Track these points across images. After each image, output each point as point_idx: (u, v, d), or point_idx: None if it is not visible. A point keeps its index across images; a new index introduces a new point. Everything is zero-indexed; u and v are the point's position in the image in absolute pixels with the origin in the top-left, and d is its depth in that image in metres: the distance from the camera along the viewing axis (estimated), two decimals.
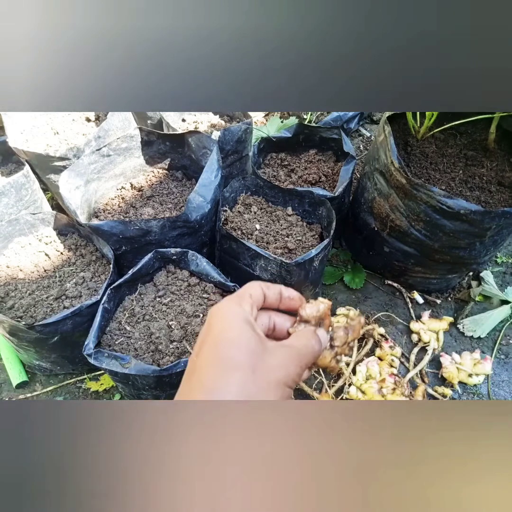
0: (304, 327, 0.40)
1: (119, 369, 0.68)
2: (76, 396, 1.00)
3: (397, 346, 1.04)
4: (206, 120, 1.20)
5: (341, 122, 1.54)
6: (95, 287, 0.89)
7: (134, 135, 1.02)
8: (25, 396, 0.99)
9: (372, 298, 1.17)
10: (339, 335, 0.40)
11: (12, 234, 0.97)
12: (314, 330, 0.39)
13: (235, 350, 0.33)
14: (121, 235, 0.86)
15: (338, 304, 1.15)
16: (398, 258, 1.07)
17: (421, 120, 1.02)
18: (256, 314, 0.38)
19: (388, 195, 0.97)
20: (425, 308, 1.14)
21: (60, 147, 1.04)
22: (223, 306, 0.36)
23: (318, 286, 1.03)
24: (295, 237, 0.93)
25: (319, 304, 0.40)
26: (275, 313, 0.41)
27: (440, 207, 0.86)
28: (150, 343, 0.77)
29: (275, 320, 0.41)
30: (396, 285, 1.17)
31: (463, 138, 1.06)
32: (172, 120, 1.16)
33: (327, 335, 0.40)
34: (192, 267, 0.88)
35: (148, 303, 0.84)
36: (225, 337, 0.33)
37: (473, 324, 1.09)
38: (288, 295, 0.40)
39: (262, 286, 0.39)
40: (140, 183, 1.07)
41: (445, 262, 1.01)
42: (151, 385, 0.72)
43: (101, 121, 1.15)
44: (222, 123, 1.21)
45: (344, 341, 0.40)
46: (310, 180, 1.10)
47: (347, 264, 1.23)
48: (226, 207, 0.97)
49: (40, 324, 0.78)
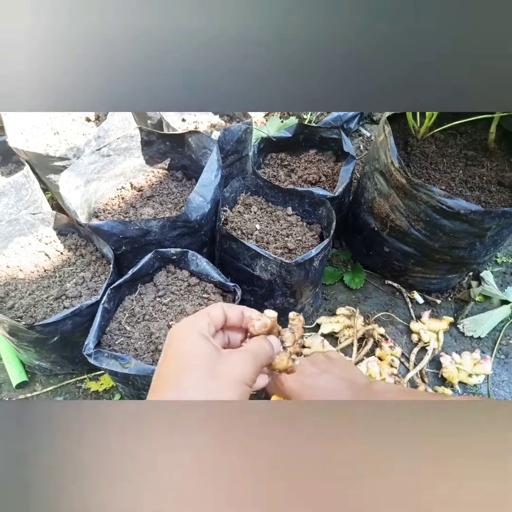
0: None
1: (119, 369, 0.68)
2: (76, 396, 1.00)
3: (397, 346, 1.04)
4: (206, 120, 1.20)
5: (341, 122, 1.54)
6: (95, 287, 0.89)
7: (134, 135, 1.02)
8: (25, 396, 0.99)
9: (372, 298, 1.17)
10: (287, 336, 0.45)
11: (12, 234, 0.97)
12: (264, 337, 0.43)
13: (193, 356, 0.36)
14: (121, 235, 0.86)
15: (338, 304, 1.15)
16: (398, 258, 1.07)
17: (421, 120, 1.02)
18: (214, 331, 0.41)
19: (388, 195, 0.97)
20: (425, 308, 1.14)
21: (60, 147, 1.04)
22: (180, 324, 0.40)
23: (318, 286, 1.03)
24: (295, 237, 0.93)
25: (266, 320, 0.43)
26: (229, 330, 0.44)
27: (440, 207, 0.86)
28: (150, 343, 0.77)
29: (229, 335, 0.44)
30: (396, 285, 1.17)
31: (463, 138, 1.06)
32: (172, 120, 1.16)
33: (277, 340, 0.44)
34: (192, 267, 0.88)
35: (148, 303, 0.84)
36: (182, 348, 0.37)
37: (473, 324, 1.09)
38: (250, 315, 0.43)
39: (224, 307, 0.42)
40: (140, 183, 1.07)
41: (445, 262, 1.01)
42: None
43: (101, 121, 1.15)
44: (222, 123, 1.21)
45: (293, 340, 0.45)
46: (310, 180, 1.10)
47: (347, 264, 1.23)
48: (226, 207, 0.97)
49: (40, 324, 0.78)
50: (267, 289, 0.91)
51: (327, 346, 1.01)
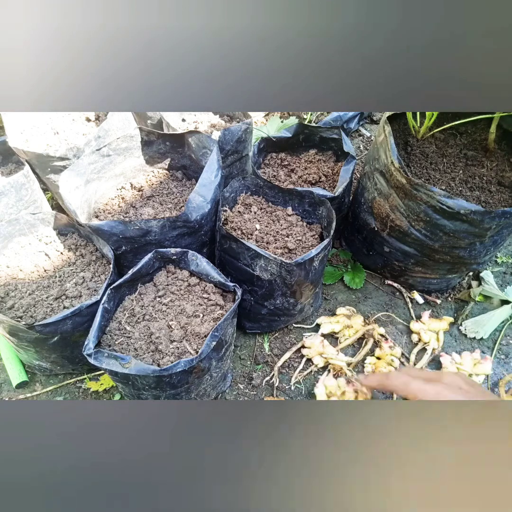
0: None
1: (119, 369, 0.68)
2: (76, 396, 1.00)
3: (397, 346, 1.04)
4: (206, 120, 1.20)
5: (341, 122, 1.54)
6: (95, 287, 0.89)
7: (134, 135, 1.02)
8: (25, 396, 0.99)
9: (372, 298, 1.17)
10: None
11: (12, 234, 0.97)
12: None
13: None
14: (121, 235, 0.86)
15: (338, 304, 1.15)
16: (398, 258, 1.07)
17: (421, 120, 1.02)
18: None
19: (388, 195, 0.97)
20: (425, 308, 1.14)
21: (60, 147, 1.04)
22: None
23: (318, 286, 1.03)
24: (295, 237, 0.93)
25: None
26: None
27: (440, 207, 0.86)
28: (150, 343, 0.77)
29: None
30: (396, 285, 1.17)
31: (463, 138, 1.06)
32: (172, 120, 1.16)
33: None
34: (192, 267, 0.88)
35: (148, 303, 0.84)
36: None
37: (475, 325, 1.09)
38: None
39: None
40: (140, 183, 1.07)
41: (445, 262, 1.01)
42: (151, 385, 0.72)
43: (101, 121, 1.15)
44: (222, 123, 1.21)
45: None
46: (310, 180, 1.10)
47: (347, 264, 1.23)
48: (226, 207, 0.97)
49: (40, 324, 0.78)
50: (267, 289, 0.91)
51: (326, 346, 1.01)
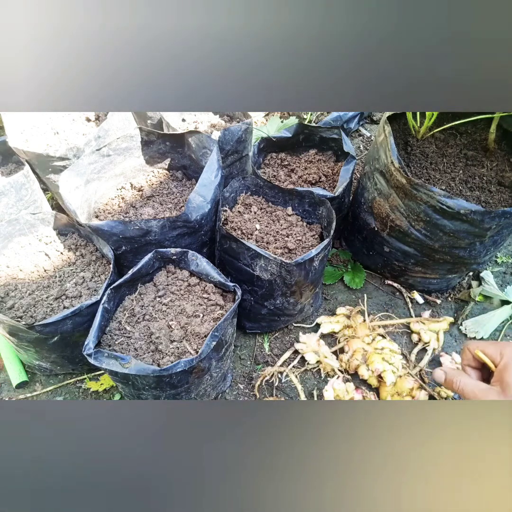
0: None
1: (119, 369, 0.68)
2: (76, 396, 1.00)
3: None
4: (206, 120, 1.20)
5: (341, 122, 1.54)
6: (95, 287, 0.89)
7: (134, 135, 1.02)
8: (25, 396, 0.99)
9: (372, 298, 1.17)
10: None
11: (12, 234, 0.97)
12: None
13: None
14: (121, 235, 0.86)
15: (338, 304, 1.15)
16: (398, 258, 1.07)
17: (421, 120, 1.02)
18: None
19: (388, 195, 0.97)
20: (425, 308, 1.14)
21: (60, 147, 1.04)
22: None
23: (318, 286, 1.03)
24: (295, 237, 0.93)
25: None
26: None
27: (440, 207, 0.86)
28: (150, 343, 0.77)
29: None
30: (396, 285, 1.17)
31: (463, 138, 1.06)
32: (172, 120, 1.16)
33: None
34: (192, 267, 0.88)
35: (148, 303, 0.84)
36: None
37: (475, 325, 1.09)
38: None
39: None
40: (140, 183, 1.07)
41: (445, 262, 1.01)
42: (151, 385, 0.72)
43: (101, 121, 1.15)
44: (222, 123, 1.21)
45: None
46: (310, 180, 1.10)
47: (347, 264, 1.23)
48: (226, 207, 0.97)
49: (40, 324, 0.78)
50: (267, 289, 0.91)
51: (322, 346, 1.01)
